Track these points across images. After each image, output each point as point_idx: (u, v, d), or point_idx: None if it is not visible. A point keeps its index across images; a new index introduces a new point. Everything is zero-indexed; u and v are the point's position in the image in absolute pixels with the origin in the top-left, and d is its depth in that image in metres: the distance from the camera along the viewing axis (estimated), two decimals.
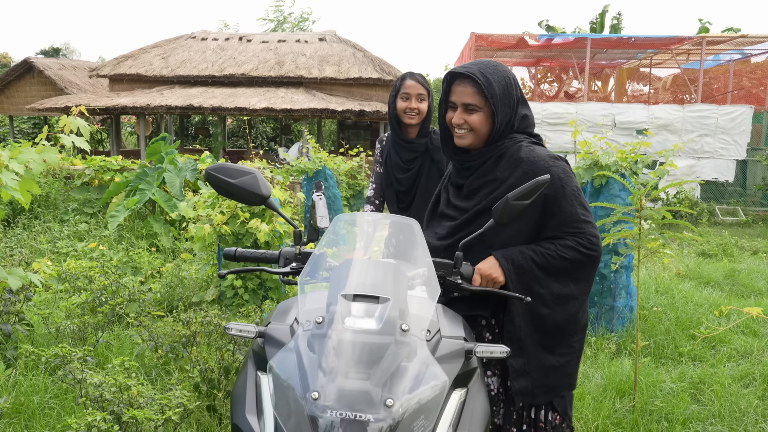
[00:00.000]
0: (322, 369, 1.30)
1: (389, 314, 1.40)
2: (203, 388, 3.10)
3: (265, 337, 1.55)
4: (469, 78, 1.91)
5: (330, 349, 1.33)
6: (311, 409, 1.25)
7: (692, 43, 14.12)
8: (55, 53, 32.75)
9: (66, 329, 3.91)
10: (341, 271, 1.56)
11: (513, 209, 1.73)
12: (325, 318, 1.40)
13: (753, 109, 12.97)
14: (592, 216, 1.95)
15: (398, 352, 1.34)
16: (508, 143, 1.96)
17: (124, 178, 8.29)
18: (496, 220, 1.77)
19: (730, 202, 13.09)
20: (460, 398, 1.46)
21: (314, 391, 1.26)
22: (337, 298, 1.44)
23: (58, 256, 6.40)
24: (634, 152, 4.76)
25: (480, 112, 1.92)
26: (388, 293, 1.46)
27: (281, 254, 1.94)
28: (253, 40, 19.76)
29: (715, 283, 6.48)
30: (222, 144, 21.16)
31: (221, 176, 1.84)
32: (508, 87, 1.93)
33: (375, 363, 1.31)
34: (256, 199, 1.85)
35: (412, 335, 1.39)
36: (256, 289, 4.91)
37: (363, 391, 1.26)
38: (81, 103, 16.20)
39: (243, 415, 1.44)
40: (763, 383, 3.78)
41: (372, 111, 15.75)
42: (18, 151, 3.08)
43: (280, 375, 1.36)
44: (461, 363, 1.50)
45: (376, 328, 1.37)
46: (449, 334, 1.59)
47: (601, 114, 12.80)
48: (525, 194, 1.70)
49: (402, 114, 3.16)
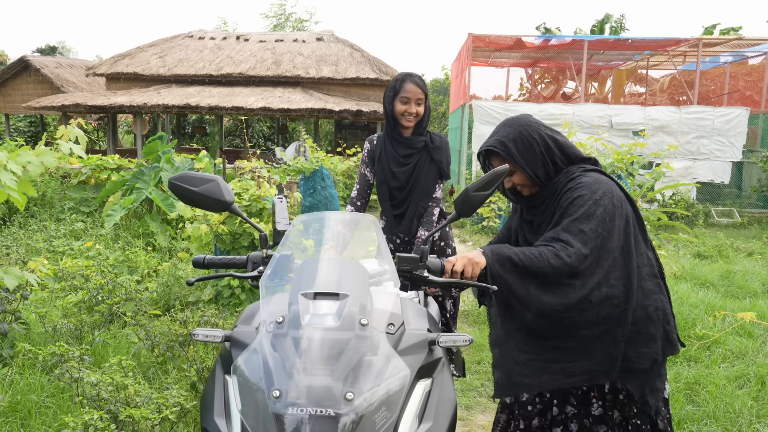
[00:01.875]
0: (285, 367, 1.32)
1: (348, 310, 1.42)
2: (200, 387, 3.11)
3: (232, 340, 1.57)
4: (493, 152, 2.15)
5: (291, 347, 1.35)
6: (275, 407, 1.26)
7: (689, 45, 14.17)
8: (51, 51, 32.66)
9: (62, 328, 3.90)
10: (302, 271, 1.58)
11: (473, 200, 1.78)
12: (285, 317, 1.42)
13: (749, 111, 13.01)
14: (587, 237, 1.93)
15: (358, 347, 1.36)
16: (561, 179, 2.12)
17: (121, 177, 8.28)
18: (458, 212, 1.82)
19: (725, 204, 13.13)
20: (425, 388, 1.48)
21: (276, 389, 1.28)
22: (297, 297, 1.46)
23: (54, 255, 6.38)
24: (630, 153, 4.78)
25: (517, 173, 2.14)
26: (348, 289, 1.48)
27: (249, 258, 1.95)
28: (251, 39, 19.75)
29: (711, 285, 6.51)
30: (219, 143, 21.16)
31: (184, 185, 1.85)
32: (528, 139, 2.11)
33: (336, 358, 1.32)
34: (219, 206, 1.87)
35: (371, 329, 1.41)
36: (252, 289, 4.91)
37: (324, 387, 1.28)
38: (77, 101, 16.23)
39: (212, 418, 1.46)
40: (757, 384, 3.80)
41: (369, 111, 15.76)
42: (16, 153, 3.09)
43: (245, 375, 1.38)
44: (425, 354, 1.53)
45: (336, 325, 1.39)
46: (413, 326, 1.61)
47: (597, 115, 12.83)
48: (484, 185, 1.76)
49: (399, 116, 3.17)
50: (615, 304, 1.96)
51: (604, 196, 1.99)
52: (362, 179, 3.38)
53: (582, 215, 1.95)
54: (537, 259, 1.88)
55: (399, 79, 3.17)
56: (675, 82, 17.39)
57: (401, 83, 3.14)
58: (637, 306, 2.02)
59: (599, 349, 1.99)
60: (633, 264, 2.01)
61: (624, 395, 2.09)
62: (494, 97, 17.85)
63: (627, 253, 2.00)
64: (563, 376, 2.01)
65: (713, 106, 13.33)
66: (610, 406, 2.10)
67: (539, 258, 1.88)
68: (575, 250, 1.89)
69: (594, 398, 2.11)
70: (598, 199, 1.98)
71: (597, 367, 2.00)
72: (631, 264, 2.00)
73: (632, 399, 2.08)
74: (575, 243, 1.91)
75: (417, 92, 3.12)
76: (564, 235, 1.93)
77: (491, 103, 13.59)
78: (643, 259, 2.09)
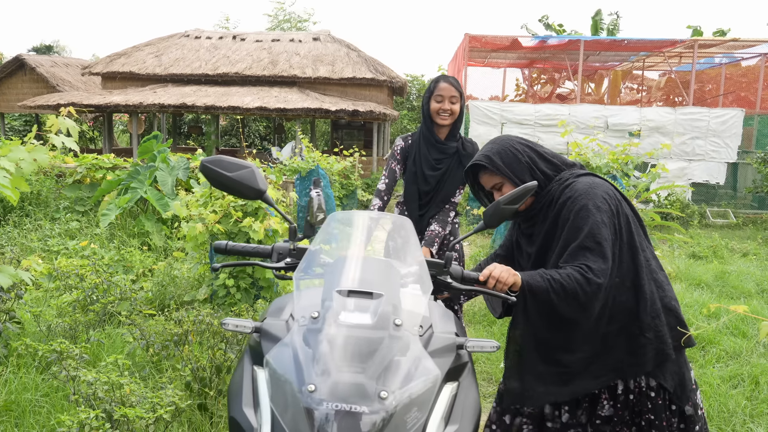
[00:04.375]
0: (318, 363, 1.32)
1: (383, 309, 1.42)
2: (195, 386, 3.10)
3: (261, 332, 1.57)
4: (481, 165, 2.20)
5: (325, 343, 1.35)
6: (307, 402, 1.27)
7: (684, 46, 14.21)
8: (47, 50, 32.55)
9: (57, 327, 3.89)
10: (336, 268, 1.58)
11: (503, 213, 1.80)
12: (320, 313, 1.42)
13: (744, 112, 13.07)
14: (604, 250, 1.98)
15: (391, 347, 1.36)
16: (554, 187, 2.15)
17: (116, 177, 8.26)
18: (486, 222, 1.84)
19: (720, 205, 13.18)
20: (452, 392, 1.49)
21: (310, 384, 1.28)
22: (332, 294, 1.47)
23: (49, 254, 6.37)
24: (625, 153, 4.80)
25: (506, 184, 2.17)
26: (382, 289, 1.48)
27: (274, 249, 1.95)
28: (247, 39, 19.73)
29: (706, 285, 6.53)
30: (215, 143, 21.12)
31: (218, 169, 1.84)
32: (511, 151, 2.16)
33: (369, 357, 1.33)
34: (252, 193, 1.85)
35: (404, 330, 1.41)
36: (248, 288, 4.90)
37: (357, 384, 1.28)
38: (73, 100, 16.17)
39: (240, 408, 1.46)
40: (751, 384, 3.82)
41: (365, 111, 15.76)
42: (8, 149, 3.07)
43: (277, 369, 1.38)
44: (453, 357, 1.53)
45: (370, 323, 1.40)
46: (441, 329, 1.62)
47: (593, 116, 12.86)
48: (514, 199, 1.80)
49: (435, 114, 3.27)
50: (625, 299, 2.04)
51: (604, 200, 2.04)
52: (391, 174, 3.45)
53: (593, 225, 1.98)
54: (568, 284, 1.92)
55: (434, 80, 3.31)
56: (670, 82, 17.44)
57: (435, 83, 3.27)
58: (656, 298, 2.08)
59: (620, 345, 2.06)
60: (640, 259, 2.07)
61: (635, 395, 2.11)
62: (491, 97, 17.86)
63: (633, 249, 2.07)
64: (591, 378, 2.08)
65: (708, 107, 13.37)
66: (621, 407, 2.12)
67: (569, 282, 1.92)
68: (598, 267, 1.95)
69: (605, 399, 2.14)
70: (600, 204, 2.02)
71: (621, 364, 2.07)
72: (638, 260, 2.07)
73: (647, 396, 2.10)
74: (597, 260, 1.95)
75: (451, 90, 3.24)
76: (584, 254, 1.97)
77: (488, 103, 13.61)
78: (648, 253, 2.14)
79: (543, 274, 1.94)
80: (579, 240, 1.98)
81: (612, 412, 2.13)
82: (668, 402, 2.11)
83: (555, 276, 1.93)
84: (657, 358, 2.07)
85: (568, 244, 2.01)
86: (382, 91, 18.03)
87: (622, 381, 2.12)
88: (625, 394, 2.12)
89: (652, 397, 2.10)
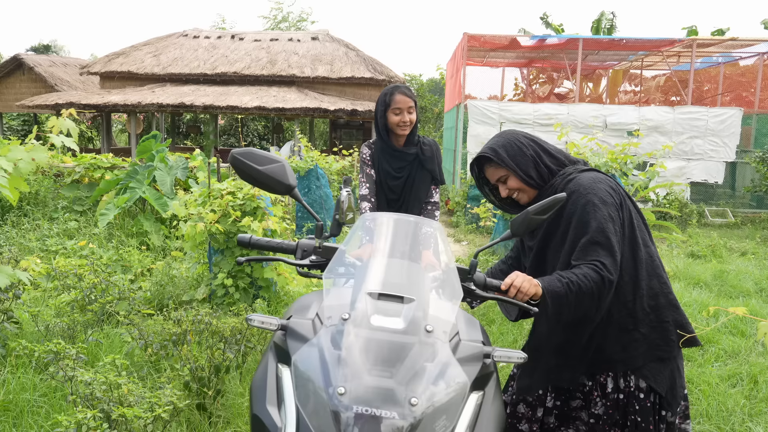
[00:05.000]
0: (347, 365, 1.30)
1: (414, 315, 1.41)
2: (193, 386, 3.10)
3: (287, 330, 1.55)
4: (486, 158, 2.21)
5: (355, 346, 1.34)
6: (336, 404, 1.25)
7: (683, 46, 14.22)
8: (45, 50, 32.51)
9: (55, 327, 3.88)
10: (366, 270, 1.56)
11: (531, 222, 1.79)
12: (350, 315, 1.41)
13: (742, 112, 13.07)
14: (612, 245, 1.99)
15: (422, 353, 1.35)
16: (557, 181, 2.16)
17: (115, 176, 8.25)
18: (513, 231, 1.82)
19: (719, 204, 13.19)
20: (477, 401, 1.46)
21: (340, 387, 1.27)
22: (363, 295, 1.45)
23: (47, 254, 6.36)
24: (624, 153, 4.80)
25: (510, 177, 2.19)
26: (413, 294, 1.47)
27: (299, 246, 1.93)
28: (246, 38, 19.71)
29: (704, 284, 6.53)
30: (213, 142, 21.11)
31: (248, 162, 1.83)
32: (517, 144, 2.18)
33: (399, 362, 1.32)
34: (282, 188, 1.84)
35: (435, 337, 1.39)
36: (247, 288, 4.90)
37: (387, 389, 1.27)
38: (71, 100, 16.15)
39: (264, 406, 1.44)
40: (750, 383, 3.82)
41: (364, 110, 15.75)
42: (7, 149, 3.07)
43: (304, 369, 1.36)
44: (479, 366, 1.50)
45: (402, 328, 1.38)
46: (468, 337, 1.59)
47: (592, 115, 12.86)
48: (543, 209, 1.79)
49: (395, 127, 3.26)
50: (622, 293, 2.06)
51: (609, 194, 2.06)
52: (369, 179, 3.44)
53: (601, 219, 1.99)
54: (585, 284, 1.92)
55: (387, 93, 3.28)
56: (669, 82, 17.45)
57: (390, 96, 3.24)
58: (657, 294, 2.10)
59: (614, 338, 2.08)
60: (640, 254, 2.08)
61: (624, 395, 2.11)
62: (489, 96, 17.87)
63: (634, 244, 2.08)
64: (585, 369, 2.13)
65: (707, 107, 13.38)
66: (612, 405, 2.13)
67: (586, 282, 1.92)
68: (610, 262, 1.96)
69: (598, 397, 2.15)
70: (605, 198, 2.03)
71: (613, 356, 2.09)
72: (638, 255, 2.08)
73: (635, 397, 2.10)
74: (607, 255, 1.96)
75: (407, 101, 3.23)
76: (595, 249, 1.97)
77: (486, 102, 13.61)
78: (652, 249, 2.15)
79: (561, 278, 1.93)
80: (588, 235, 1.98)
81: (603, 410, 2.13)
82: (657, 406, 2.11)
83: (572, 278, 1.92)
84: (648, 355, 2.07)
85: (577, 239, 2.01)
86: (381, 91, 18.03)
87: (612, 378, 2.12)
88: (614, 392, 2.13)
89: (640, 399, 2.09)
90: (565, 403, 2.21)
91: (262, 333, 3.58)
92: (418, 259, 1.71)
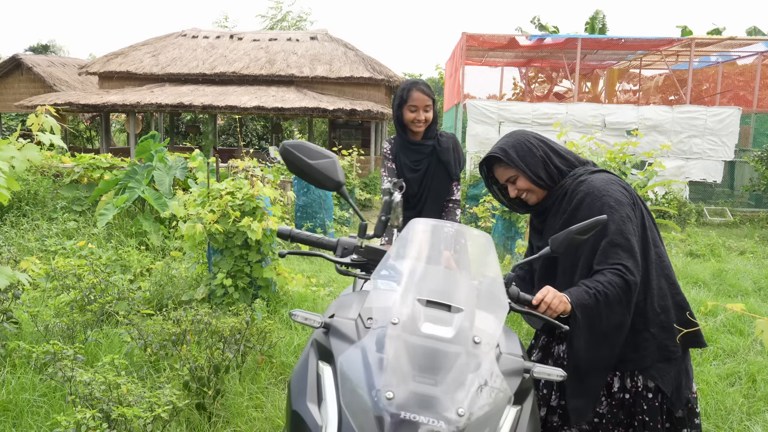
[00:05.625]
0: (395, 370, 1.30)
1: (463, 324, 1.41)
2: (193, 386, 3.10)
3: (330, 328, 1.54)
4: (496, 158, 2.23)
5: (404, 351, 1.34)
6: (382, 408, 1.25)
7: (681, 45, 14.23)
8: (44, 50, 32.49)
9: (54, 327, 3.89)
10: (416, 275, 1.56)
11: (572, 242, 1.80)
12: (400, 320, 1.40)
13: (741, 111, 13.09)
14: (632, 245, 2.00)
15: (468, 363, 1.35)
16: (568, 182, 2.17)
17: (114, 176, 8.25)
18: (552, 249, 1.83)
19: (718, 203, 13.20)
20: (516, 415, 1.45)
21: (388, 391, 1.26)
22: (412, 301, 1.45)
23: (46, 254, 6.36)
24: (623, 152, 4.80)
25: (519, 177, 2.20)
26: (461, 304, 1.47)
27: (339, 243, 1.94)
28: (244, 38, 19.71)
29: (703, 283, 6.54)
30: (212, 142, 21.11)
31: (299, 154, 1.83)
32: (526, 145, 2.19)
33: (446, 371, 1.32)
34: (330, 183, 1.85)
35: (482, 348, 1.40)
36: (246, 288, 4.90)
37: (434, 397, 1.27)
38: (70, 100, 16.16)
39: (304, 403, 1.43)
40: (748, 382, 3.83)
41: (363, 110, 15.75)
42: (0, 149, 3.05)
43: (349, 371, 1.36)
44: (519, 381, 1.49)
45: (450, 337, 1.38)
46: (507, 350, 1.58)
47: (591, 114, 12.87)
48: (584, 230, 1.79)
49: (410, 123, 3.22)
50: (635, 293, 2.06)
51: (623, 194, 2.07)
52: (391, 172, 3.40)
53: (619, 221, 2.00)
54: (612, 292, 1.92)
55: (405, 88, 3.20)
56: (667, 81, 17.46)
57: (408, 92, 3.17)
58: (666, 294, 2.11)
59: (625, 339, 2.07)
60: (651, 254, 2.09)
61: (631, 395, 2.12)
62: (488, 96, 17.88)
63: (645, 244, 2.09)
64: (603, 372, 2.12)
65: (706, 106, 13.40)
66: (617, 405, 2.13)
67: (612, 290, 1.92)
68: (632, 264, 1.96)
69: (603, 396, 2.15)
70: (620, 198, 2.05)
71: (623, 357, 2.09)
72: (649, 254, 2.08)
73: (642, 397, 2.11)
74: (629, 257, 1.97)
75: (424, 99, 3.16)
76: (616, 252, 1.97)
77: (485, 102, 13.62)
78: (661, 249, 2.16)
79: (588, 289, 1.91)
80: (608, 237, 1.98)
81: (608, 409, 2.14)
82: (664, 405, 2.12)
83: (599, 287, 1.91)
84: (657, 354, 2.08)
85: (596, 242, 2.01)
86: (380, 90, 18.03)
87: (619, 378, 2.12)
88: (621, 392, 2.13)
89: (648, 398, 2.10)
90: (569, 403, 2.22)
91: (261, 333, 3.58)
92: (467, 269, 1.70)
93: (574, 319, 1.90)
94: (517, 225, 6.97)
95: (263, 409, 3.31)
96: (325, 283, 6.12)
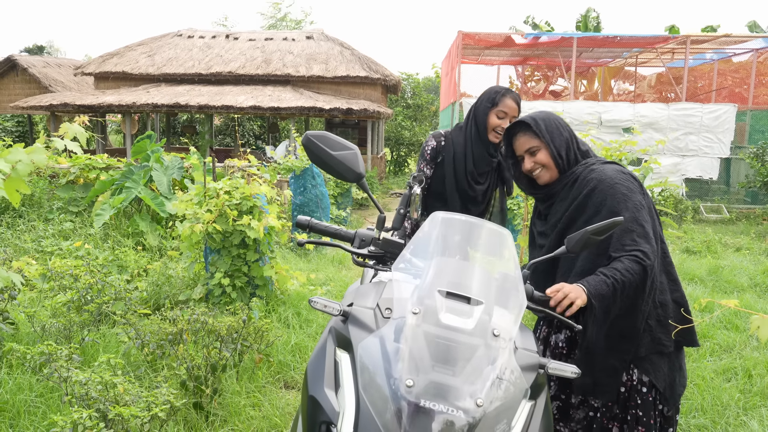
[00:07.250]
0: (415, 359, 1.32)
1: (482, 317, 1.43)
2: (190, 385, 3.10)
3: (348, 316, 1.56)
4: (521, 126, 2.24)
5: (424, 341, 1.36)
6: (401, 396, 1.27)
7: (677, 42, 14.25)
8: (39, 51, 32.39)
9: (51, 328, 3.88)
10: (436, 267, 1.57)
11: (589, 241, 1.81)
12: (420, 310, 1.42)
13: (736, 108, 13.11)
14: (647, 231, 2.02)
15: (487, 355, 1.37)
16: (579, 169, 2.20)
17: (110, 177, 8.23)
18: (568, 248, 1.84)
19: (714, 200, 13.23)
20: (530, 410, 1.47)
21: (408, 379, 1.28)
22: (433, 292, 1.46)
23: (43, 255, 6.34)
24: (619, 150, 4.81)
25: (542, 150, 2.22)
26: (481, 297, 1.49)
27: (357, 235, 1.96)
28: (240, 38, 19.67)
29: (699, 280, 6.56)
30: (209, 142, 21.08)
31: (322, 145, 1.84)
32: (556, 122, 2.24)
33: (465, 361, 1.34)
34: (351, 175, 1.86)
35: (500, 341, 1.41)
36: (243, 287, 4.90)
37: (453, 387, 1.29)
38: (66, 101, 16.11)
39: (321, 388, 1.46)
40: (744, 377, 3.84)
41: (359, 109, 15.74)
42: (7, 152, 3.06)
43: (368, 359, 1.38)
44: (534, 376, 1.51)
45: (470, 329, 1.40)
46: (522, 345, 1.60)
47: (587, 112, 12.89)
48: (601, 230, 1.80)
49: (491, 130, 2.97)
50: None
51: (635, 184, 2.10)
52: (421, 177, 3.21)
53: (633, 208, 2.02)
54: (629, 279, 1.93)
55: (499, 92, 2.96)
56: (663, 79, 17.48)
57: (502, 96, 2.94)
58: (666, 289, 2.13)
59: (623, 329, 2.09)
60: (657, 249, 2.10)
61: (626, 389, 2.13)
62: None
63: (654, 234, 2.10)
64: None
65: (701, 103, 13.42)
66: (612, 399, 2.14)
67: (629, 276, 1.93)
68: (649, 249, 1.98)
69: None
70: (632, 187, 2.08)
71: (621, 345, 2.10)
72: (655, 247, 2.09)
73: (637, 391, 2.12)
74: (644, 242, 1.99)
75: (514, 109, 2.95)
76: (632, 237, 1.99)
77: None
78: (664, 246, 2.18)
79: (606, 280, 1.90)
80: (627, 223, 2.00)
81: (602, 403, 2.15)
82: (657, 401, 2.13)
83: (617, 276, 1.91)
84: (650, 347, 2.09)
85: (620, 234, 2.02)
86: (376, 89, 18.02)
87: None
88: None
89: (642, 393, 2.11)
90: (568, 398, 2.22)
91: (258, 332, 3.58)
92: (486, 262, 1.72)
93: (591, 309, 1.91)
94: (513, 222, 6.98)
95: (261, 408, 3.31)
96: (323, 281, 6.13)
